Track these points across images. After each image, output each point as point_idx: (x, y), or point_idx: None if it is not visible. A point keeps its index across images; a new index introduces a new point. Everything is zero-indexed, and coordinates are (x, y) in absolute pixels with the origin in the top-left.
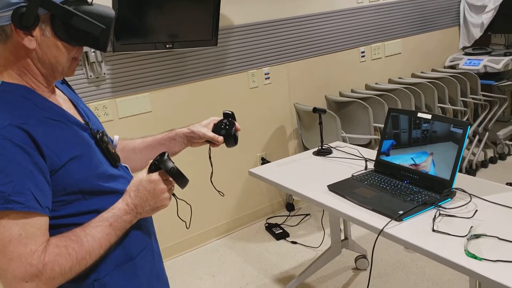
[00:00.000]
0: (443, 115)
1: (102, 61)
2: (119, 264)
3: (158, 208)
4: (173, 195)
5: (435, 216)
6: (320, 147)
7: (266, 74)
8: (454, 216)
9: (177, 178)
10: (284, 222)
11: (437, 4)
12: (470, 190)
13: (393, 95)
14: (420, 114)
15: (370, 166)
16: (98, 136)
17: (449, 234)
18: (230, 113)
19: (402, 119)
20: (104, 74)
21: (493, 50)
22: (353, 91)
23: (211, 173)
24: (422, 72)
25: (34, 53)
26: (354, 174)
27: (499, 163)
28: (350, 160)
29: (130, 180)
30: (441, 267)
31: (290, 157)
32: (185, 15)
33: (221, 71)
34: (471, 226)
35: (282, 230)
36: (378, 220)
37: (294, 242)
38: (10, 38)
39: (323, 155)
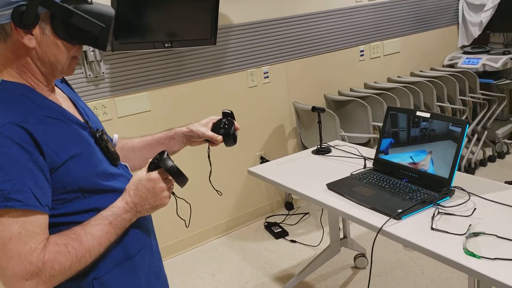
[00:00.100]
0: (442, 114)
1: (101, 60)
2: (119, 262)
3: (158, 206)
4: (172, 194)
5: (434, 214)
6: (319, 146)
7: (265, 73)
8: (453, 214)
9: (176, 177)
10: (283, 221)
11: (435, 3)
12: (468, 189)
13: (392, 94)
14: (419, 113)
15: (369, 164)
16: (97, 134)
17: (447, 232)
18: (229, 112)
19: (401, 118)
20: (103, 73)
21: (491, 49)
22: (352, 90)
23: (210, 172)
24: (421, 71)
25: (34, 51)
26: (353, 173)
27: (498, 162)
28: (349, 158)
29: (130, 178)
30: (440, 266)
31: (289, 156)
32: (184, 14)
33: (220, 70)
34: (470, 224)
35: (281, 229)
36: (377, 218)
37: (293, 241)
38: (10, 37)
39: (322, 154)
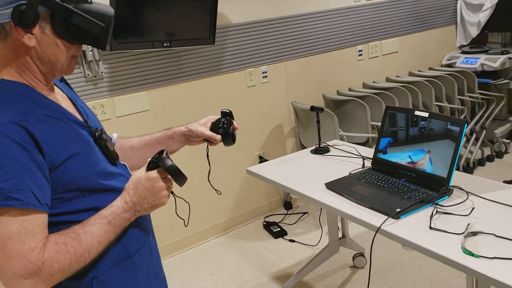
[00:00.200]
0: (441, 113)
1: (99, 59)
2: (118, 261)
3: (157, 205)
4: (171, 193)
5: (432, 213)
6: (317, 146)
7: (263, 73)
8: (451, 213)
9: (175, 176)
10: (282, 220)
11: (434, 2)
12: (467, 188)
13: (390, 94)
14: (417, 112)
15: (368, 164)
16: (97, 134)
17: (446, 232)
18: (228, 111)
19: (400, 117)
20: (101, 72)
21: (490, 49)
22: (350, 90)
23: (209, 171)
24: (419, 70)
25: (33, 51)
26: (352, 172)
27: (496, 161)
28: (348, 158)
29: (129, 178)
30: (438, 265)
31: (287, 155)
32: (182, 14)
33: (218, 70)
34: (468, 224)
35: (280, 229)
36: (375, 218)
37: (292, 241)
38: (9, 36)
39: (321, 154)
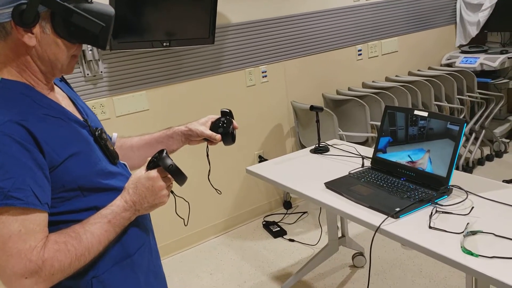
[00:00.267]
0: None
1: (99, 59)
2: (117, 261)
3: (157, 205)
4: (171, 192)
5: (432, 213)
6: (317, 145)
7: (263, 72)
8: (451, 213)
9: (175, 175)
10: (281, 220)
11: (433, 2)
12: (466, 187)
13: (389, 93)
14: (417, 112)
15: (367, 163)
16: (96, 133)
17: (445, 231)
18: (228, 111)
19: (399, 117)
20: (101, 72)
21: (489, 48)
22: (350, 89)
23: (209, 171)
24: (418, 70)
25: (33, 50)
26: (351, 172)
27: (496, 161)
28: (347, 157)
29: (129, 177)
30: (438, 264)
31: (287, 155)
32: (182, 13)
33: (218, 69)
34: (468, 223)
35: (279, 228)
36: (375, 217)
37: (291, 240)
38: (10, 35)
39: (320, 153)
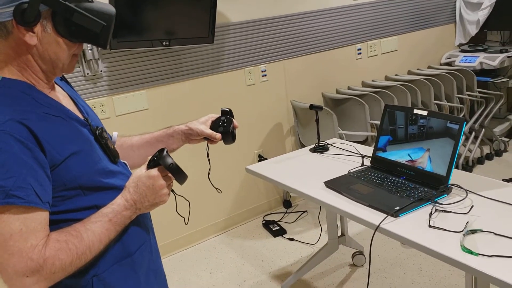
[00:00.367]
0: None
1: (99, 58)
2: (118, 260)
3: (157, 204)
4: (172, 191)
5: (431, 211)
6: (317, 144)
7: (263, 72)
8: (450, 211)
9: (176, 174)
10: (281, 219)
11: (433, 1)
12: (466, 186)
13: (389, 92)
14: (416, 111)
15: (367, 162)
16: (97, 132)
17: (445, 230)
18: (228, 110)
19: (399, 116)
20: (101, 71)
21: (489, 47)
22: (349, 88)
23: (209, 170)
24: (418, 69)
25: (35, 49)
26: (351, 171)
27: (495, 160)
28: (347, 156)
29: (129, 176)
30: (437, 263)
31: (287, 154)
32: (181, 13)
33: (218, 69)
34: (467, 222)
35: (279, 227)
36: (374, 216)
37: (291, 239)
38: (11, 34)
39: (320, 152)
